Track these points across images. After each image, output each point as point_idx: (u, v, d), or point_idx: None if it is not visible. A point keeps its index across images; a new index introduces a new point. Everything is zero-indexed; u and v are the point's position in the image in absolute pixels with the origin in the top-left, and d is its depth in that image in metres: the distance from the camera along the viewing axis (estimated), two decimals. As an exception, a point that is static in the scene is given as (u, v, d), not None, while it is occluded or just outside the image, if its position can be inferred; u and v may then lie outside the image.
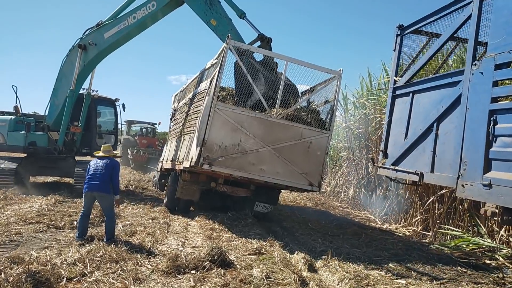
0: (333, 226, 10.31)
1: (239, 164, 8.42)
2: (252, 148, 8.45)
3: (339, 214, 12.78)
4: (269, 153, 8.53)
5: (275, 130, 8.56)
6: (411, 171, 5.88)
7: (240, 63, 8.60)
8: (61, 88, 12.51)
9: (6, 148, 12.48)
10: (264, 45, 9.95)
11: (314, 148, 8.76)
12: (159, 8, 10.96)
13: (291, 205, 13.92)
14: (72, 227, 7.33)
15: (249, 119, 8.46)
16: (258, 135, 8.47)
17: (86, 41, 12.01)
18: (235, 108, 8.48)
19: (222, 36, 9.81)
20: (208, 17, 10.28)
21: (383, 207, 12.60)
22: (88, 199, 6.62)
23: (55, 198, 10.02)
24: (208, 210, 10.07)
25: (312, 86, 10.08)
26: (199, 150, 8.21)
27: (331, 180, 19.68)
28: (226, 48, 8.46)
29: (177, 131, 11.87)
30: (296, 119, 8.80)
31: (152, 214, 9.16)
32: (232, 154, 8.38)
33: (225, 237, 7.32)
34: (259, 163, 8.51)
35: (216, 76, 8.46)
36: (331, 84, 9.24)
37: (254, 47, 9.52)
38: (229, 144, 8.35)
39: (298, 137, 8.69)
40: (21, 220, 7.43)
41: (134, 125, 28.24)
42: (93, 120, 14.00)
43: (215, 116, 8.28)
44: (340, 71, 9.06)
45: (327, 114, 9.39)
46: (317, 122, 9.04)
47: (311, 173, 8.75)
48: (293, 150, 8.63)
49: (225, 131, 8.35)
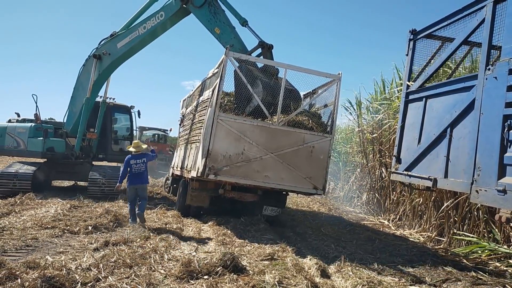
0: (346, 231, 10.26)
1: (244, 172, 8.66)
2: (256, 156, 8.68)
3: (352, 219, 12.70)
4: (273, 159, 8.74)
5: (278, 136, 8.77)
6: (425, 176, 5.84)
7: (238, 71, 8.85)
8: (78, 96, 13.14)
9: (26, 153, 13.01)
10: (265, 52, 10.21)
11: (317, 152, 8.94)
12: (168, 18, 11.40)
13: (304, 210, 13.88)
14: (87, 231, 7.42)
15: (251, 127, 8.70)
16: (261, 142, 8.70)
17: (100, 51, 12.60)
18: (237, 118, 8.72)
19: (225, 44, 10.11)
20: (212, 25, 10.62)
21: (397, 213, 12.50)
22: (132, 192, 8.52)
23: (70, 203, 10.14)
24: (220, 215, 10.10)
25: (313, 89, 10.25)
26: (205, 161, 8.55)
27: (344, 185, 19.60)
28: (225, 60, 8.71)
29: (185, 138, 12.09)
30: (298, 124, 8.97)
31: (166, 219, 9.23)
32: (236, 163, 8.62)
33: (237, 242, 7.33)
34: (264, 170, 8.73)
35: (217, 88, 8.68)
36: (331, 88, 9.40)
37: (252, 57, 9.83)
38: (233, 153, 8.60)
39: (300, 142, 8.88)
40: (36, 225, 7.54)
41: (146, 131, 28.48)
42: (109, 127, 14.56)
43: (218, 127, 8.53)
44: (339, 75, 9.22)
45: (328, 117, 9.49)
46: (319, 126, 9.18)
47: (315, 177, 8.93)
48: (296, 156, 8.82)
49: (229, 141, 8.60)
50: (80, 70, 13.29)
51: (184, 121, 13.59)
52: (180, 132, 14.26)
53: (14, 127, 13.29)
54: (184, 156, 11.62)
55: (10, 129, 13.29)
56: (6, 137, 13.18)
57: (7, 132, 13.23)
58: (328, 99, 9.80)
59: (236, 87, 9.28)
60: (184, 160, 11.43)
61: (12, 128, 13.30)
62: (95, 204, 10.63)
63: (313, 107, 10.38)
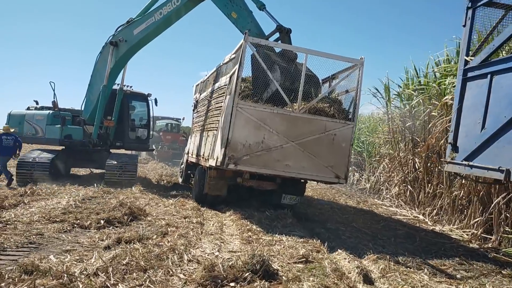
0: (380, 227, 9.39)
1: (264, 161, 8.41)
2: (276, 145, 8.41)
3: (384, 214, 11.78)
4: (294, 148, 8.46)
5: (299, 124, 8.48)
6: (493, 167, 4.90)
7: (257, 56, 8.43)
8: (95, 84, 13.04)
9: (45, 141, 13.02)
10: (283, 36, 9.81)
11: (338, 140, 8.64)
12: (183, 3, 11.13)
13: (330, 203, 13.02)
14: (98, 226, 6.70)
15: (271, 115, 8.40)
16: (281, 131, 8.42)
17: (117, 38, 12.44)
18: (257, 105, 8.34)
19: (242, 29, 9.87)
20: (229, 10, 10.31)
21: (433, 206, 11.53)
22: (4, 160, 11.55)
23: (82, 194, 9.51)
24: (240, 206, 9.55)
25: (332, 74, 9.78)
26: (224, 151, 8.20)
27: (370, 176, 18.61)
28: (244, 45, 8.30)
29: (200, 124, 11.74)
30: (319, 112, 8.57)
31: (185, 212, 8.49)
32: (256, 152, 8.36)
33: (265, 240, 6.53)
34: (284, 159, 8.46)
35: (236, 74, 8.27)
36: (353, 73, 8.92)
37: (272, 41, 9.48)
38: (253, 142, 8.34)
39: (322, 130, 8.57)
40: (44, 218, 6.86)
41: (159, 120, 27.93)
42: (126, 114, 14.47)
43: (238, 115, 8.26)
44: (362, 59, 8.76)
45: (349, 104, 9.07)
46: (340, 113, 8.78)
47: (337, 166, 8.65)
48: (317, 144, 8.55)
49: (248, 129, 8.33)
50: (97, 57, 13.17)
51: (198, 107, 13.18)
52: (194, 118, 13.82)
53: (32, 115, 13.28)
54: (200, 143, 11.26)
55: (28, 116, 13.29)
56: (25, 125, 13.20)
57: (26, 119, 13.23)
58: (349, 85, 9.29)
59: (253, 72, 8.91)
60: (200, 147, 11.08)
61: (30, 115, 13.30)
62: (110, 195, 9.97)
63: (333, 93, 9.64)
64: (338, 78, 9.75)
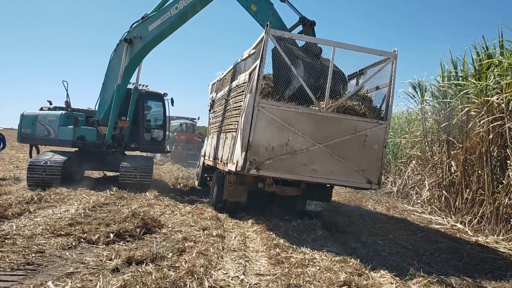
0: (419, 239, 8.50)
1: (288, 166, 7.74)
2: (301, 147, 7.74)
3: (418, 222, 10.84)
4: (321, 151, 7.79)
5: (326, 125, 7.80)
6: None
7: (280, 50, 7.70)
8: (109, 83, 12.49)
9: (57, 142, 12.47)
10: (306, 29, 9.18)
11: (370, 141, 7.93)
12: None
13: (357, 207, 12.14)
14: (107, 241, 5.95)
15: (296, 115, 7.72)
16: (307, 132, 7.74)
17: (131, 34, 11.88)
18: (280, 104, 7.62)
19: (262, 22, 9.17)
20: (248, 2, 9.68)
21: (473, 214, 10.55)
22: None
23: (93, 200, 8.83)
24: (262, 213, 8.92)
25: (360, 69, 8.96)
26: (245, 155, 7.56)
27: (397, 179, 17.62)
28: (266, 38, 7.60)
29: (218, 125, 11.04)
30: (349, 110, 7.82)
31: (203, 222, 7.69)
32: (280, 156, 7.70)
33: (295, 259, 5.67)
34: (311, 162, 7.78)
35: (257, 71, 7.54)
36: (385, 68, 8.09)
37: (296, 34, 8.81)
38: (276, 145, 7.67)
39: (352, 131, 7.86)
40: (48, 230, 6.12)
41: (173, 120, 27.28)
42: (141, 115, 13.80)
43: (259, 115, 7.59)
44: (395, 52, 7.98)
45: (381, 101, 8.33)
46: (371, 111, 8.01)
47: (369, 170, 7.95)
48: (347, 146, 7.86)
49: (271, 131, 7.66)
50: (111, 55, 12.56)
51: (215, 106, 12.47)
52: (211, 118, 13.12)
53: (45, 115, 12.71)
54: (217, 145, 10.53)
55: (41, 117, 12.72)
56: (37, 126, 12.62)
57: (38, 120, 12.66)
58: (379, 80, 8.50)
59: (274, 68, 8.11)
60: (217, 150, 10.36)
61: (43, 116, 12.73)
62: (123, 202, 9.27)
63: (362, 90, 8.80)
64: (366, 74, 8.95)
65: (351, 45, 7.95)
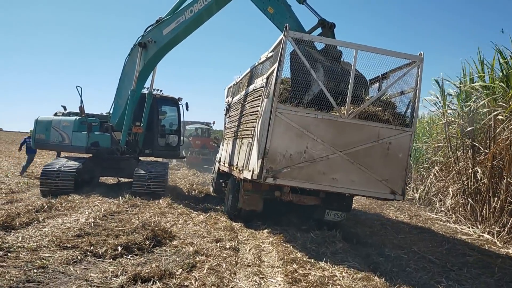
0: (445, 251, 8.01)
1: (307, 174, 7.39)
2: (321, 155, 7.38)
3: (443, 232, 10.30)
4: (342, 159, 7.42)
5: (347, 132, 7.44)
6: None
7: (298, 52, 7.34)
8: (124, 88, 12.34)
9: (71, 148, 12.37)
10: (326, 31, 8.83)
11: (394, 149, 7.54)
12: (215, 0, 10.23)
13: (379, 217, 11.64)
14: (115, 254, 5.64)
15: (315, 121, 7.36)
16: (327, 139, 7.38)
17: (146, 39, 11.73)
18: (298, 110, 7.23)
19: (279, 25, 8.96)
20: (265, 4, 9.34)
21: (502, 224, 9.97)
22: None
23: (105, 208, 8.57)
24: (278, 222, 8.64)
25: (383, 73, 8.53)
26: (261, 162, 7.22)
27: (418, 186, 17.01)
28: (284, 40, 7.25)
29: (233, 130, 10.71)
30: (371, 116, 7.39)
31: (216, 233, 7.35)
32: (298, 164, 7.34)
33: (314, 276, 5.26)
34: (331, 171, 7.42)
35: (275, 75, 7.19)
36: (410, 72, 7.69)
37: (316, 36, 8.46)
38: (294, 152, 7.33)
39: (374, 138, 7.48)
40: (54, 243, 5.85)
41: (188, 125, 27.06)
42: (156, 120, 13.63)
43: (277, 121, 7.26)
44: (421, 55, 7.59)
45: (406, 107, 7.93)
46: (395, 118, 7.57)
47: (393, 179, 7.54)
48: (369, 154, 7.48)
49: (289, 137, 7.33)
50: (125, 60, 12.44)
51: (231, 111, 12.17)
52: (226, 123, 12.82)
53: (59, 121, 12.60)
54: (232, 151, 10.20)
55: (55, 123, 12.63)
56: (51, 131, 12.55)
57: (52, 126, 12.58)
58: (403, 85, 8.09)
59: (292, 72, 7.80)
60: (233, 156, 10.03)
61: (57, 122, 12.63)
62: (135, 210, 9.01)
63: (385, 95, 8.37)
64: (389, 78, 8.53)
65: (374, 48, 7.59)
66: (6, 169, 15.93)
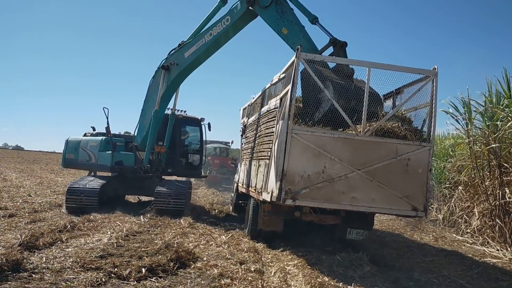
0: (476, 275, 7.69)
1: (326, 194, 7.30)
2: (339, 174, 7.29)
3: (471, 255, 9.95)
4: (360, 177, 7.32)
5: (365, 149, 7.36)
6: None
7: (311, 73, 7.36)
8: (148, 109, 12.76)
9: (97, 167, 12.86)
10: (338, 50, 8.87)
11: (413, 165, 7.42)
12: (232, 23, 10.72)
13: (404, 239, 11.34)
14: (139, 276, 5.55)
15: (331, 140, 7.31)
16: (345, 158, 7.31)
17: (168, 61, 12.22)
18: (314, 129, 7.33)
19: (293, 45, 9.06)
20: (279, 26, 9.61)
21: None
22: None
23: (127, 228, 8.54)
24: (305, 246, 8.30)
25: (397, 88, 8.48)
26: (280, 184, 7.14)
27: (442, 206, 16.59)
28: (297, 62, 7.29)
29: (250, 151, 10.72)
30: (388, 133, 7.34)
31: (240, 255, 7.23)
32: (317, 184, 7.26)
33: (344, 301, 5.10)
34: (350, 190, 7.32)
35: (289, 96, 7.20)
36: (425, 87, 7.63)
37: (328, 56, 8.55)
38: (312, 173, 7.25)
39: (393, 155, 7.39)
40: (78, 264, 5.81)
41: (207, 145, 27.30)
42: (178, 140, 14.06)
43: (293, 142, 7.21)
44: (435, 70, 7.56)
45: (422, 122, 7.83)
46: (413, 133, 7.50)
47: (414, 196, 7.41)
48: (388, 171, 7.37)
49: (307, 158, 7.26)
50: (150, 82, 12.89)
51: (247, 132, 12.18)
52: (243, 143, 12.87)
53: (87, 141, 13.18)
54: (250, 172, 10.15)
55: (83, 143, 13.24)
56: (80, 151, 13.13)
57: (81, 146, 13.20)
58: (419, 100, 8.01)
59: (303, 91, 7.84)
60: (250, 177, 10.00)
61: (85, 142, 13.22)
62: (157, 230, 8.96)
63: (399, 110, 8.26)
64: (403, 93, 8.48)
65: (387, 65, 7.59)
66: (29, 188, 16.14)
